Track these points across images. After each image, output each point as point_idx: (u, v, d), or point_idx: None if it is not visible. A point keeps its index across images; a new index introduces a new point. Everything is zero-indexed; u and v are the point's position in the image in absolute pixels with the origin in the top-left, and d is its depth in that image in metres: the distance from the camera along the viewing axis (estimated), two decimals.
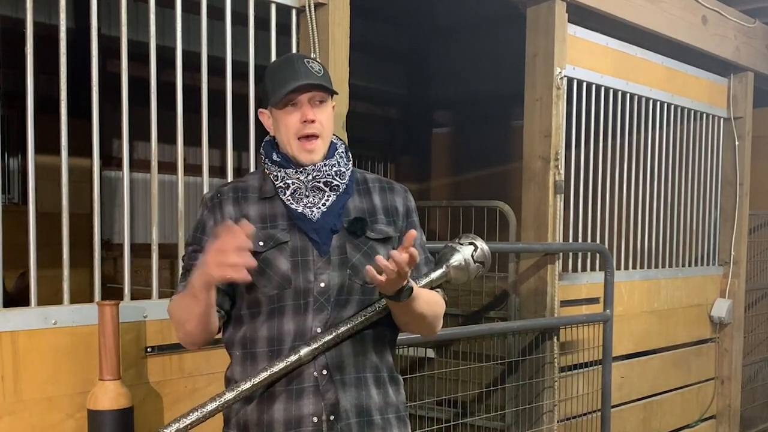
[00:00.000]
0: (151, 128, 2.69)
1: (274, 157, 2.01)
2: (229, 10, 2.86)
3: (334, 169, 2.01)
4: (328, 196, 2.00)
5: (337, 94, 2.03)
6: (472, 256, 2.06)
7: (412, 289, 1.89)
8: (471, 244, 2.07)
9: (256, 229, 1.96)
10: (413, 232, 1.82)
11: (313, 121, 1.95)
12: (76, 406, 2.39)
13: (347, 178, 2.04)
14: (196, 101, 2.78)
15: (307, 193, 1.99)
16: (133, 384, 2.47)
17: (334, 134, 2.11)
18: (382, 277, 1.77)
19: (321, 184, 1.99)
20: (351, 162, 2.08)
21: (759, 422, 6.35)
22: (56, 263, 2.41)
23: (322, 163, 2.00)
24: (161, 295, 2.67)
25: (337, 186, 2.01)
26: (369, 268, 1.78)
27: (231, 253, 1.71)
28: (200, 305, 1.85)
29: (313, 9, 2.96)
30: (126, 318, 2.48)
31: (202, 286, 1.80)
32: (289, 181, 1.98)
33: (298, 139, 1.97)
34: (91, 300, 2.51)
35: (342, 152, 2.06)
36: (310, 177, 1.98)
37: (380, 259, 1.76)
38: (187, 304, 1.88)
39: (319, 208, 1.98)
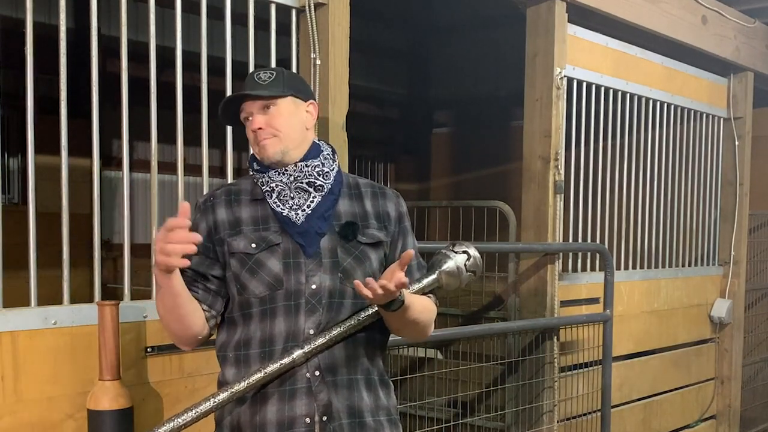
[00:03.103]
0: (151, 128, 2.69)
1: (255, 165, 2.07)
2: (229, 10, 2.86)
3: (317, 169, 2.03)
4: (313, 197, 2.02)
5: (283, 96, 2.02)
6: (465, 265, 2.06)
7: (403, 301, 1.91)
8: (464, 252, 2.07)
9: (249, 230, 1.98)
10: (411, 252, 1.86)
11: (260, 128, 2.01)
12: (76, 406, 2.39)
13: (332, 178, 2.05)
14: (196, 101, 2.78)
15: (292, 195, 2.01)
16: (133, 384, 2.47)
17: (322, 140, 2.14)
18: (369, 294, 1.80)
19: (304, 185, 2.01)
20: (336, 163, 2.10)
21: (759, 422, 6.35)
22: (56, 263, 2.41)
23: (303, 164, 2.03)
24: None
25: (321, 186, 2.03)
26: (357, 282, 1.81)
27: (170, 243, 1.77)
28: (168, 296, 1.89)
29: (313, 9, 2.96)
30: (126, 318, 2.48)
31: (159, 275, 1.85)
32: (273, 184, 2.02)
33: (257, 145, 2.03)
34: (91, 300, 2.51)
35: (328, 154, 2.09)
36: (291, 178, 2.01)
37: (370, 281, 1.79)
38: (160, 298, 1.92)
39: (304, 210, 2.00)
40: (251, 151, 2.13)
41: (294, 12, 3.02)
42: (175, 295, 1.89)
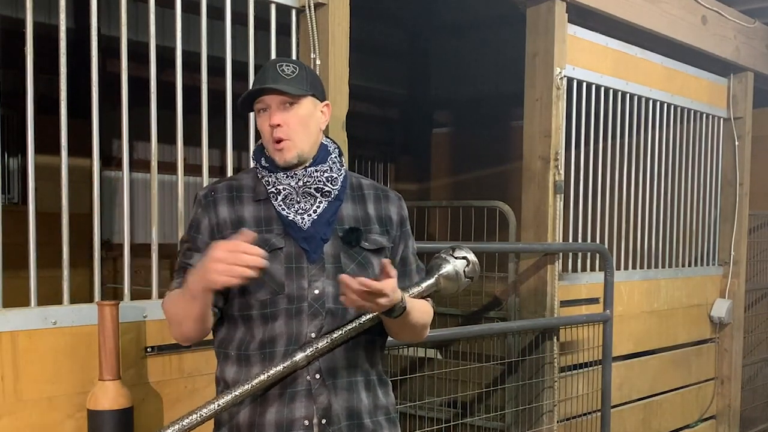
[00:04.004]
0: (151, 128, 2.69)
1: (263, 162, 2.02)
2: (229, 10, 2.86)
3: (326, 174, 2.00)
4: (319, 202, 1.99)
5: (305, 95, 1.98)
6: (464, 270, 2.06)
7: (404, 308, 1.91)
8: (464, 258, 2.07)
9: (252, 232, 1.97)
10: (386, 262, 1.86)
11: (278, 125, 1.95)
12: (76, 406, 2.39)
13: (339, 184, 2.03)
14: (196, 101, 2.78)
15: (298, 199, 1.99)
16: (133, 384, 2.47)
17: (329, 138, 2.12)
18: (350, 302, 1.82)
19: (312, 190, 1.99)
20: (344, 167, 2.08)
21: (759, 422, 6.35)
22: (56, 263, 2.41)
23: (312, 168, 1.99)
24: (161, 295, 2.67)
25: (329, 192, 2.00)
26: (342, 299, 1.83)
27: (235, 261, 1.73)
28: (198, 307, 1.86)
29: (313, 9, 2.97)
30: (126, 318, 2.48)
31: (201, 289, 1.81)
32: (280, 187, 1.99)
33: (271, 143, 1.98)
34: (91, 300, 2.51)
35: (335, 157, 2.05)
36: (300, 182, 1.98)
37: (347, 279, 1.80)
38: (185, 304, 1.88)
39: (310, 215, 1.98)
40: (258, 142, 2.10)
41: (294, 12, 3.02)
42: (207, 306, 1.88)
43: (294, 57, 3.03)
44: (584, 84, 4.29)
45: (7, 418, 2.26)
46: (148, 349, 2.57)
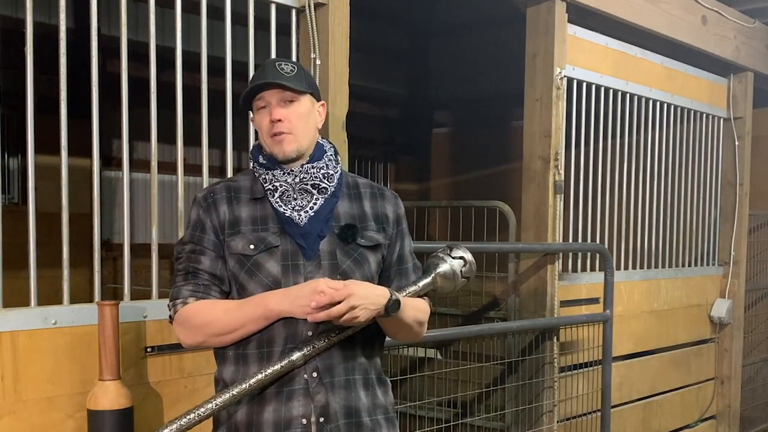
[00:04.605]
0: (151, 128, 2.69)
1: (260, 159, 2.04)
2: (229, 10, 2.86)
3: (322, 171, 2.02)
4: (316, 199, 2.01)
5: (305, 93, 2.02)
6: (461, 270, 2.07)
7: (398, 302, 1.92)
8: (461, 258, 2.07)
9: (247, 231, 1.98)
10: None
11: (279, 120, 1.98)
12: (76, 406, 2.39)
13: (335, 180, 2.05)
14: (196, 101, 2.78)
15: (295, 196, 2.00)
16: (133, 384, 2.47)
17: (325, 138, 2.13)
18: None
19: (309, 187, 2.00)
20: (339, 165, 2.10)
21: (759, 422, 6.35)
22: (56, 263, 2.41)
23: (309, 165, 2.02)
24: (161, 295, 2.67)
25: (325, 189, 2.02)
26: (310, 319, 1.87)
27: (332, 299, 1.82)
28: (264, 325, 1.92)
29: (313, 9, 2.97)
30: (126, 318, 2.48)
31: (285, 312, 1.89)
32: (277, 183, 2.00)
33: (271, 137, 2.00)
34: (91, 300, 2.51)
35: (331, 155, 2.08)
36: (297, 179, 2.00)
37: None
38: (251, 318, 1.92)
39: (307, 212, 1.99)
40: (255, 142, 2.11)
41: (294, 12, 3.02)
42: (267, 325, 1.93)
43: (294, 57, 3.04)
44: (584, 84, 4.29)
45: (7, 418, 2.26)
46: (148, 349, 2.57)
